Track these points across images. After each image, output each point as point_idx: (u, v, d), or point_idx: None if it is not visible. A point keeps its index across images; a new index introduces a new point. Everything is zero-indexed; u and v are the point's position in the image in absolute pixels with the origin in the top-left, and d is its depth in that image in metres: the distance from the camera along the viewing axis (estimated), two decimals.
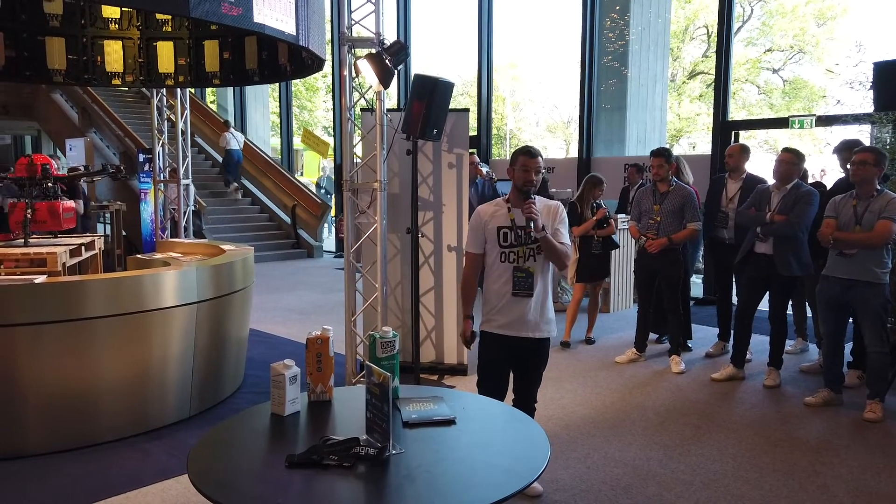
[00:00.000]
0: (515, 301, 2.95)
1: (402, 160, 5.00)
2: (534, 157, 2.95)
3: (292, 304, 8.02)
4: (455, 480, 1.72)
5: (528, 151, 2.98)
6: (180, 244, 5.82)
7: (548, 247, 2.90)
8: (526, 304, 2.95)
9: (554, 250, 2.90)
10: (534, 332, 2.99)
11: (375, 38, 4.53)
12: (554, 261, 2.96)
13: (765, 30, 19.79)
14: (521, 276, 2.92)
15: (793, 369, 5.13)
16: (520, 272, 2.92)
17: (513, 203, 2.99)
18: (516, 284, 2.92)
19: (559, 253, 2.91)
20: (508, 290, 2.95)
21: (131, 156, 10.79)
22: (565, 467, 3.51)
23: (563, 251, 2.93)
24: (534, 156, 2.96)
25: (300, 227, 12.80)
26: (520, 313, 2.95)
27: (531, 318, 2.96)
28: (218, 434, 1.96)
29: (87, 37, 5.77)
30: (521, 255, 2.93)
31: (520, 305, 2.95)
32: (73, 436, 3.73)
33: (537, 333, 3.00)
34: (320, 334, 2.22)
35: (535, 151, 2.99)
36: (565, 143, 23.26)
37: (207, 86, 6.42)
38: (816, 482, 3.35)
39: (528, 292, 2.92)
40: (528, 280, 2.92)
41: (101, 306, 3.68)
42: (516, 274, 2.92)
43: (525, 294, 2.92)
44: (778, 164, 4.66)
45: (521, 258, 2.93)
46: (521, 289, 2.93)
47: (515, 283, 2.92)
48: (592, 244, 5.79)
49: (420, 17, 20.60)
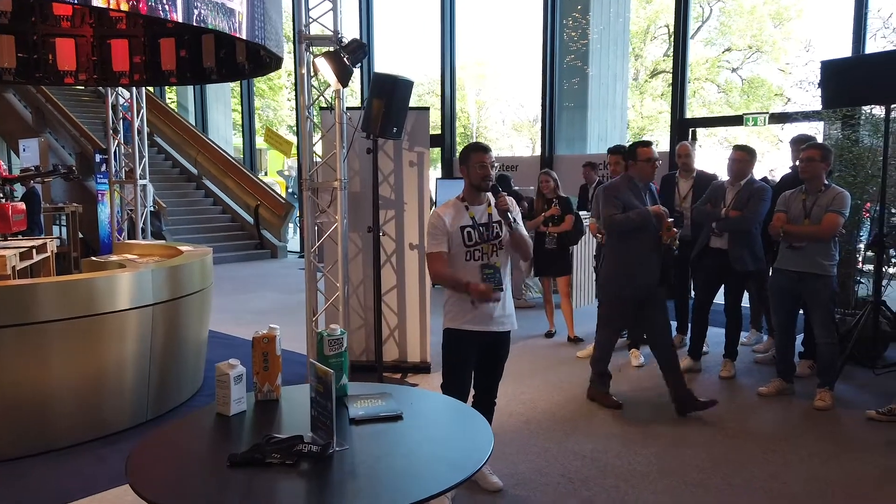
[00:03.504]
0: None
1: (362, 159, 4.99)
2: (487, 153, 3.00)
3: (255, 305, 7.93)
4: (398, 474, 1.73)
5: (480, 147, 3.01)
6: (137, 246, 5.72)
7: (519, 238, 2.99)
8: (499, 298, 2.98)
9: (523, 241, 3.01)
10: (499, 326, 3.03)
11: (333, 37, 4.51)
12: (521, 252, 3.04)
13: (723, 30, 20.18)
14: (489, 273, 2.94)
15: (747, 360, 5.25)
16: (488, 269, 2.95)
17: (469, 201, 3.01)
18: (486, 280, 2.94)
19: (527, 244, 3.04)
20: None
21: (88, 156, 10.56)
22: (525, 461, 3.54)
23: (528, 242, 3.07)
24: (486, 151, 3.01)
25: (264, 228, 12.67)
26: (489, 309, 2.97)
27: (498, 312, 3.00)
28: (159, 436, 1.94)
29: (38, 34, 5.63)
30: (486, 251, 2.96)
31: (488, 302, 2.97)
32: (26, 442, 3.64)
33: (501, 327, 3.04)
34: (266, 333, 2.20)
35: (486, 146, 3.04)
36: (531, 141, 23.41)
37: (164, 84, 6.34)
38: (768, 470, 3.43)
39: (500, 287, 2.95)
40: (496, 275, 2.95)
41: (53, 310, 3.60)
42: (485, 271, 2.94)
43: (497, 289, 2.94)
44: (731, 161, 4.77)
45: (487, 255, 2.95)
46: (493, 285, 2.95)
47: (486, 279, 2.93)
48: (545, 239, 5.85)
49: (384, 15, 20.53)
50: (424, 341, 5.19)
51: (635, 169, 4.11)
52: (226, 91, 16.74)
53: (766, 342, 5.51)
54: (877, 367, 4.83)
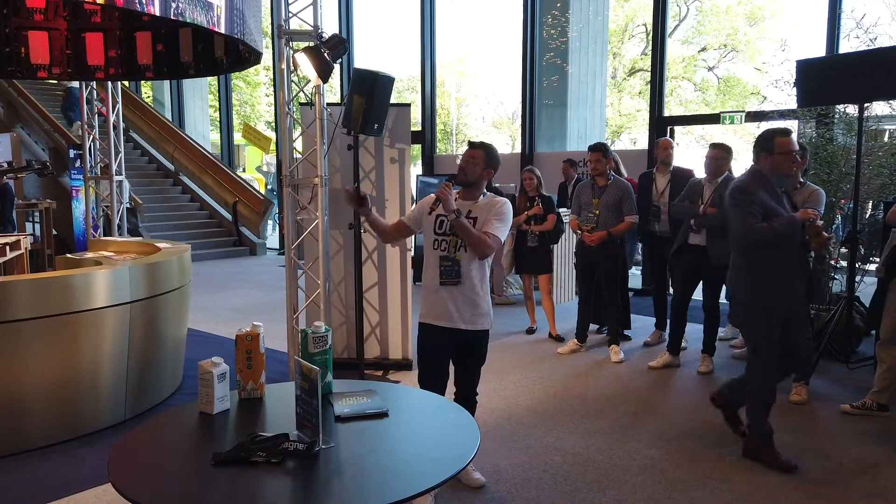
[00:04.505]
0: (444, 290, 2.98)
1: (343, 155, 4.96)
2: (470, 148, 3.06)
3: (234, 302, 7.86)
4: (384, 472, 1.72)
5: (469, 143, 3.10)
6: (113, 243, 5.63)
7: (461, 229, 2.90)
8: (454, 294, 2.97)
9: (467, 234, 2.90)
10: (467, 324, 3.01)
11: (313, 32, 4.48)
12: (470, 245, 2.94)
13: (700, 29, 20.41)
14: (447, 265, 2.96)
15: (725, 356, 5.32)
16: (446, 261, 2.96)
17: (461, 195, 3.06)
18: (443, 273, 2.96)
19: (473, 237, 2.90)
20: (436, 280, 2.99)
21: (62, 152, 10.35)
22: (507, 457, 3.55)
23: (478, 237, 2.90)
24: (471, 146, 3.06)
25: (242, 225, 12.54)
26: (449, 303, 2.97)
27: (463, 309, 2.98)
28: (141, 434, 1.91)
29: (10, 27, 5.51)
30: (452, 244, 2.97)
31: (448, 295, 2.97)
32: (1, 443, 3.57)
33: (471, 326, 3.02)
34: (250, 331, 2.19)
35: (473, 143, 3.09)
36: (511, 138, 23.49)
37: (140, 79, 6.25)
38: (746, 464, 3.48)
39: (455, 280, 2.96)
40: (454, 268, 2.96)
41: (27, 308, 3.53)
42: (443, 263, 2.97)
43: (451, 282, 2.96)
44: (709, 159, 4.83)
45: (452, 247, 2.97)
46: (448, 277, 2.96)
47: (442, 271, 2.96)
48: (527, 237, 5.88)
49: (364, 11, 20.44)
50: (406, 338, 5.18)
51: (770, 162, 3.33)
52: (203, 86, 16.53)
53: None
54: (851, 361, 4.93)
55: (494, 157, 3.07)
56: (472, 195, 3.06)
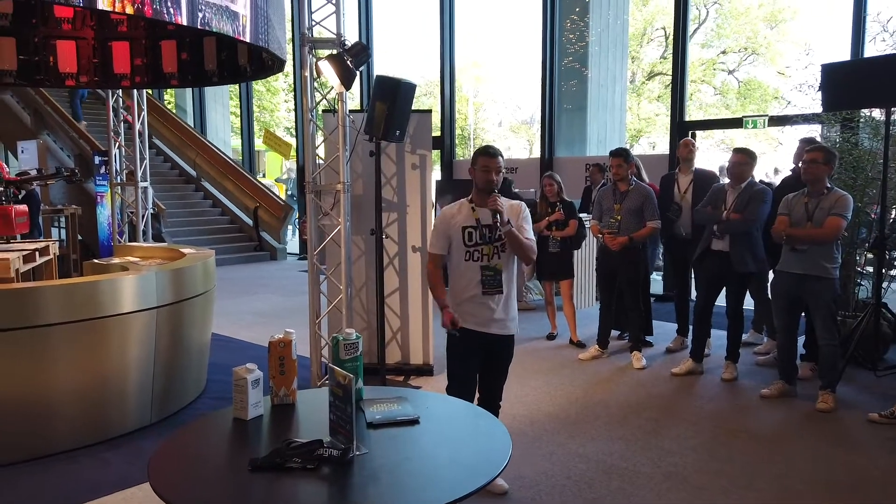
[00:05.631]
0: (485, 299, 2.98)
1: (365, 161, 4.99)
2: (493, 157, 2.95)
3: (255, 307, 7.92)
4: (418, 479, 1.73)
5: (486, 151, 2.99)
6: (139, 248, 5.71)
7: (513, 240, 2.92)
8: (495, 301, 2.98)
9: (520, 244, 2.94)
10: (500, 329, 3.02)
11: (336, 40, 4.52)
12: (520, 255, 2.99)
13: (720, 32, 20.27)
14: (489, 275, 2.95)
15: (749, 363, 5.27)
16: (488, 270, 2.96)
17: (476, 203, 3.01)
18: (485, 283, 2.95)
19: (525, 247, 2.95)
20: (477, 289, 2.97)
21: (87, 158, 10.51)
22: (530, 464, 3.55)
23: (529, 245, 2.97)
24: (493, 156, 2.96)
25: (263, 230, 12.65)
26: (488, 311, 2.98)
27: (499, 315, 2.99)
28: (179, 439, 1.94)
29: (38, 37, 5.62)
30: (487, 253, 2.96)
31: (489, 303, 2.98)
32: (29, 446, 3.63)
33: (504, 330, 3.04)
34: (283, 337, 2.21)
35: (494, 151, 2.99)
36: (528, 143, 23.46)
37: (165, 87, 6.33)
38: (772, 471, 3.45)
39: (498, 289, 2.96)
40: (496, 278, 2.96)
41: (56, 313, 3.59)
42: (485, 273, 2.95)
43: (495, 291, 2.96)
44: (731, 164, 4.80)
45: (487, 256, 2.95)
46: (491, 287, 2.96)
47: (485, 281, 2.95)
48: (549, 243, 5.86)
49: (382, 17, 20.55)
50: (427, 344, 5.20)
51: None
52: (224, 93, 16.70)
53: (767, 344, 5.54)
54: (878, 369, 4.85)
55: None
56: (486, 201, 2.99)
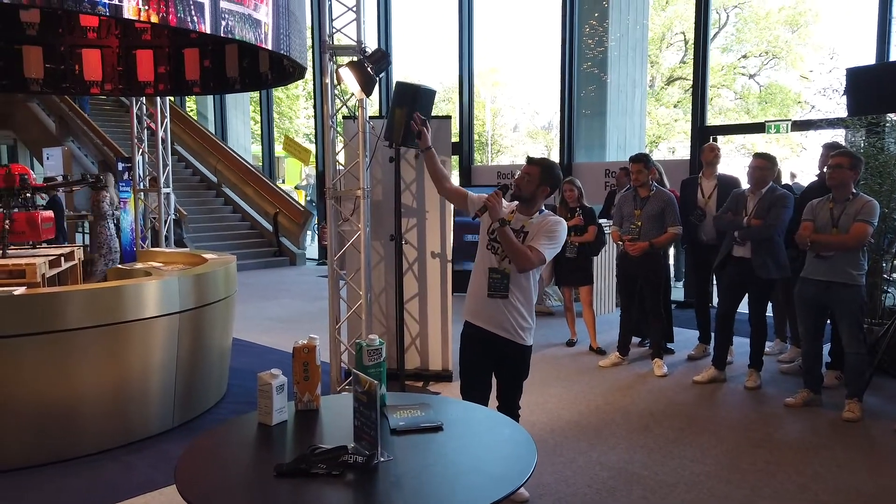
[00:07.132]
0: (491, 303, 2.98)
1: (384, 167, 5.01)
2: (528, 164, 3.05)
3: (275, 312, 7.97)
4: (443, 486, 1.73)
5: (526, 158, 3.11)
6: (161, 253, 5.77)
7: (502, 237, 2.87)
8: (501, 306, 2.96)
9: (508, 243, 2.87)
10: (512, 335, 2.99)
11: (357, 46, 4.54)
12: (510, 255, 2.92)
13: (740, 36, 20.11)
14: (496, 278, 2.95)
15: (773, 371, 5.20)
16: (495, 273, 2.95)
17: (518, 209, 3.06)
18: (491, 286, 2.95)
19: (514, 247, 2.87)
20: (484, 291, 2.98)
21: (110, 164, 10.67)
22: (551, 472, 3.53)
23: (519, 248, 2.87)
24: (528, 162, 3.06)
25: (282, 235, 12.74)
26: (496, 314, 2.97)
27: (508, 321, 2.97)
28: (204, 444, 1.95)
29: (65, 45, 5.73)
30: (501, 253, 2.96)
31: (495, 307, 2.97)
32: (54, 449, 3.67)
33: (516, 339, 3.00)
34: (307, 343, 2.22)
35: (532, 159, 3.07)
36: (546, 148, 23.43)
37: (188, 94, 6.41)
38: (797, 481, 3.39)
39: (503, 293, 2.94)
40: (503, 281, 2.95)
41: (81, 317, 3.63)
42: (492, 275, 2.96)
43: (499, 296, 2.95)
44: (752, 169, 4.74)
45: (500, 257, 2.96)
46: (496, 290, 2.95)
47: (491, 284, 2.95)
48: (567, 248, 5.83)
49: (401, 23, 20.64)
50: (446, 349, 5.19)
51: None
52: (245, 100, 16.88)
53: (791, 351, 5.47)
54: None
55: (551, 174, 3.01)
56: (527, 211, 3.02)
